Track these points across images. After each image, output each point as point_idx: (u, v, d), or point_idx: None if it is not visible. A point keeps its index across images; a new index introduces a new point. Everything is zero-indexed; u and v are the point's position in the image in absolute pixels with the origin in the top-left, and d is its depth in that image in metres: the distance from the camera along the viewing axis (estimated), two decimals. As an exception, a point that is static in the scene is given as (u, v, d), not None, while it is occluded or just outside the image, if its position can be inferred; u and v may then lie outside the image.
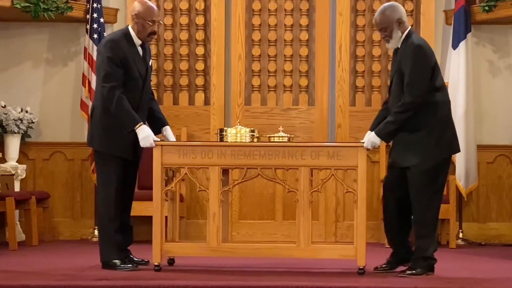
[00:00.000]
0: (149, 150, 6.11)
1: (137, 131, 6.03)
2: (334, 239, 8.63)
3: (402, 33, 6.02)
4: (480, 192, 8.76)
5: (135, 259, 6.39)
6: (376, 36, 8.81)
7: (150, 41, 6.38)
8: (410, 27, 6.07)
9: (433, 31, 8.72)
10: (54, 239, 8.59)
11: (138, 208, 7.29)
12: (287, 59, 8.90)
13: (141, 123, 6.05)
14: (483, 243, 8.57)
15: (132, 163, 6.28)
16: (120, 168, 6.16)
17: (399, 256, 6.14)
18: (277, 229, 8.70)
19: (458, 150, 6.11)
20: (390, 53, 8.80)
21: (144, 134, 6.03)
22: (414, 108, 5.87)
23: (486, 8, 8.39)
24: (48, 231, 8.47)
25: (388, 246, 6.30)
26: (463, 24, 8.44)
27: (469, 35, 8.49)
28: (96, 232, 8.64)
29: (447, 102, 6.02)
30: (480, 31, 8.78)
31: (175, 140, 6.48)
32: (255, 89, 8.90)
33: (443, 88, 6.01)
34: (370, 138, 5.96)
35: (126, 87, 6.10)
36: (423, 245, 5.93)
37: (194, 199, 8.64)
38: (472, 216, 8.75)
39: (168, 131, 6.41)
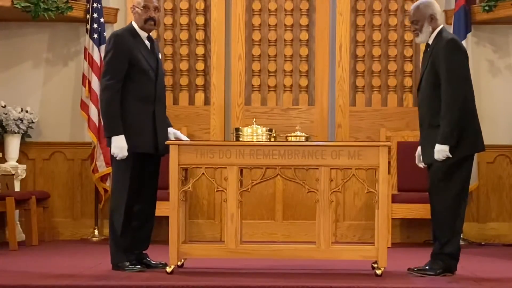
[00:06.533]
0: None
1: (113, 138, 5.99)
2: (334, 239, 8.63)
3: (434, 29, 6.01)
4: (480, 192, 8.76)
5: (152, 262, 6.30)
6: (376, 36, 8.82)
7: (150, 29, 6.23)
8: (442, 25, 6.06)
9: (433, 31, 8.71)
10: (54, 239, 8.59)
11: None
12: (287, 59, 8.90)
13: (122, 135, 5.99)
14: (483, 243, 8.57)
15: (153, 160, 6.19)
16: (137, 166, 6.08)
17: None
18: (277, 229, 8.70)
19: (482, 149, 6.04)
20: (390, 52, 8.82)
21: (121, 144, 5.98)
22: (460, 99, 5.82)
23: (486, 8, 8.39)
24: (48, 231, 8.47)
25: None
26: (463, 24, 8.44)
27: (469, 35, 8.50)
28: (96, 232, 8.66)
29: (472, 100, 5.97)
30: (480, 31, 8.78)
31: (187, 138, 6.43)
32: (255, 89, 8.90)
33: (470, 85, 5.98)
34: (436, 148, 5.83)
35: (138, 81, 6.07)
36: (439, 242, 5.91)
37: (194, 199, 8.64)
38: (472, 216, 8.74)
39: (169, 133, 6.31)
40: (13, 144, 8.55)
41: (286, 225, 8.68)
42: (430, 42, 6.04)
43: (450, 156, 5.84)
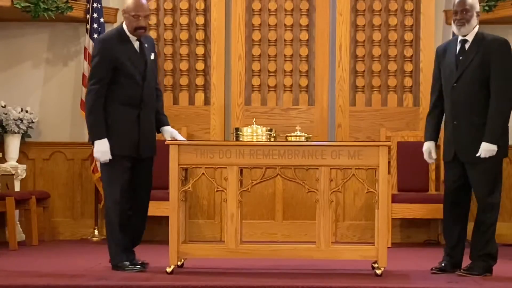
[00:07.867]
0: (164, 148, 6.05)
1: (96, 142, 6.03)
2: (334, 239, 8.63)
3: (474, 26, 6.06)
4: (480, 192, 8.74)
5: (139, 261, 6.29)
6: (376, 36, 8.82)
7: (139, 36, 6.20)
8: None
9: (433, 30, 8.72)
10: (54, 239, 8.59)
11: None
12: (287, 59, 8.90)
13: (105, 139, 6.02)
14: (483, 243, 8.54)
15: (143, 161, 6.19)
16: (126, 167, 6.08)
17: (455, 259, 6.15)
18: (277, 229, 8.70)
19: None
20: (390, 52, 8.81)
21: (103, 148, 6.01)
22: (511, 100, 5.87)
23: (486, 8, 8.39)
24: (48, 231, 8.47)
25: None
26: (463, 24, 8.43)
27: (469, 35, 8.49)
28: (96, 232, 8.66)
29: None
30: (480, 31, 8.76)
31: (184, 138, 6.42)
32: (255, 89, 8.90)
33: None
34: (484, 147, 5.85)
35: (123, 85, 6.07)
36: (479, 244, 6.04)
37: (194, 199, 8.64)
38: (472, 216, 8.69)
39: (166, 131, 6.30)
40: (13, 144, 8.55)
41: (286, 225, 8.68)
42: (468, 38, 6.03)
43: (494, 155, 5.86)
